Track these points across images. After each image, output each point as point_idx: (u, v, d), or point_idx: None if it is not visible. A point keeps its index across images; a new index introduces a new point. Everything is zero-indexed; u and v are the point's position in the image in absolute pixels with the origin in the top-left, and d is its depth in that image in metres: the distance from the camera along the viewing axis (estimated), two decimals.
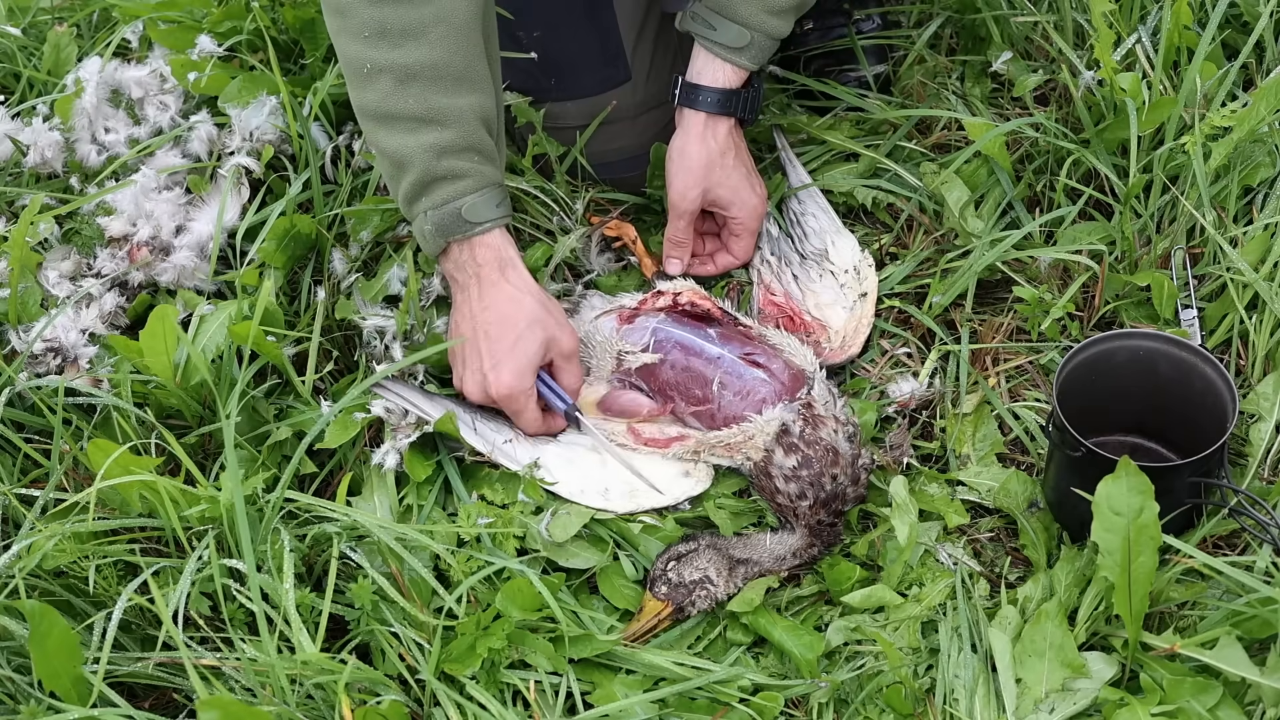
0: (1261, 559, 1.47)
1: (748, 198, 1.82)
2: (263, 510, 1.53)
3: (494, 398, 1.66)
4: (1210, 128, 1.76)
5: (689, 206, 1.79)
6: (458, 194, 1.62)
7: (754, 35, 1.71)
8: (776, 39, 1.74)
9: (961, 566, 1.61)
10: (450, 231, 1.63)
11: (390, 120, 1.60)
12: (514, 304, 1.65)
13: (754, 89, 1.77)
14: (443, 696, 1.47)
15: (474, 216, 1.63)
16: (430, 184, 1.62)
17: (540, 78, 1.87)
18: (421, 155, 1.60)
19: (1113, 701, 1.44)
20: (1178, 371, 1.60)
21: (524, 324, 1.64)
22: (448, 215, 1.62)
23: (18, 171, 1.99)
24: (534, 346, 1.65)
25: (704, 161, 1.76)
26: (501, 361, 1.64)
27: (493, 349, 1.65)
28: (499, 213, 1.65)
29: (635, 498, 1.66)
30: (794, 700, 1.53)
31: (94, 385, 1.70)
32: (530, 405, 1.67)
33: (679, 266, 1.84)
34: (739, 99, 1.76)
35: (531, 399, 1.67)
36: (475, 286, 1.66)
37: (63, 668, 1.38)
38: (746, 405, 1.69)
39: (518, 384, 1.65)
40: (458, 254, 1.66)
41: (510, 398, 1.65)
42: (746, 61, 1.73)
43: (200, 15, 2.06)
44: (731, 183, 1.79)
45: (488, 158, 1.64)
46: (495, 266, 1.65)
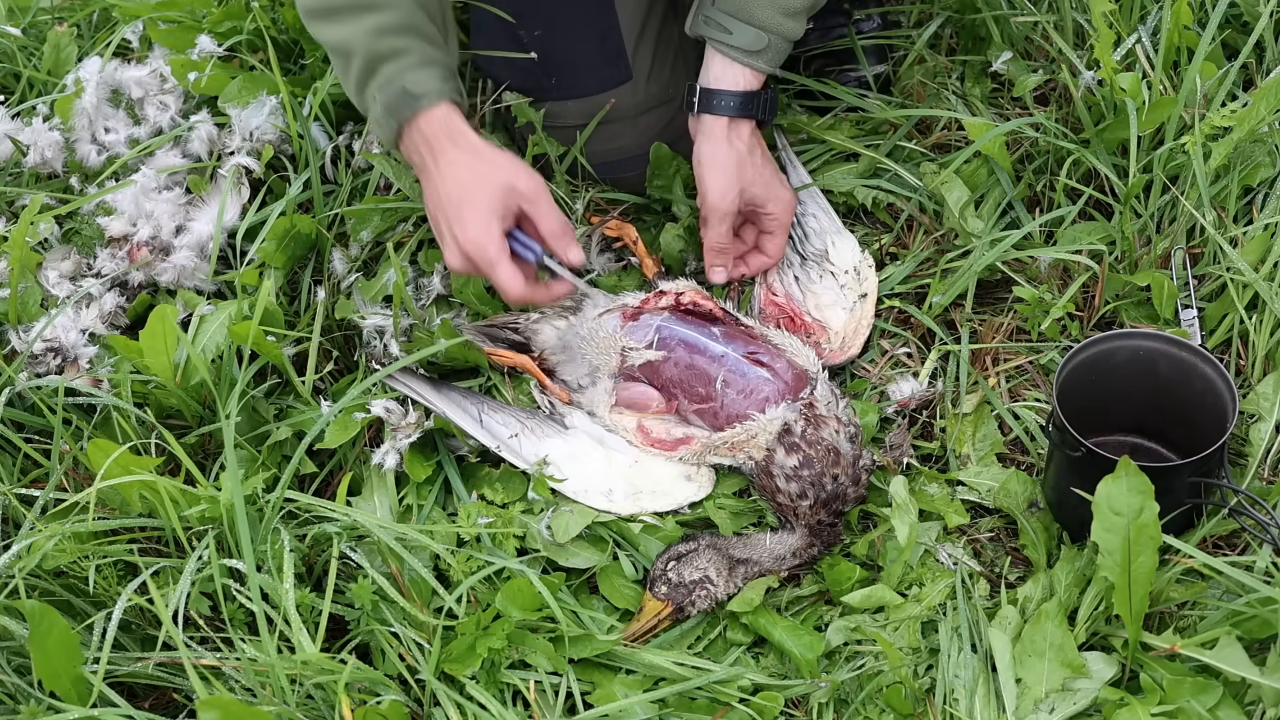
0: (1261, 559, 1.47)
1: (781, 192, 1.81)
2: (263, 510, 1.53)
3: (467, 254, 1.64)
4: (1210, 128, 1.76)
5: (729, 208, 1.76)
6: (400, 70, 1.64)
7: (771, 38, 1.71)
8: (791, 40, 1.73)
9: (961, 566, 1.61)
10: (399, 110, 1.64)
11: (330, 13, 1.64)
12: (466, 166, 1.64)
13: (770, 90, 1.77)
14: (443, 696, 1.47)
15: (417, 89, 1.63)
16: (375, 64, 1.64)
17: (541, 77, 1.87)
18: (363, 39, 1.63)
19: (1113, 701, 1.44)
20: (1178, 371, 1.60)
21: (478, 181, 1.64)
22: (394, 93, 1.64)
23: (18, 171, 1.99)
24: (491, 198, 1.63)
25: (735, 162, 1.75)
26: (464, 219, 1.63)
27: (456, 212, 1.64)
28: (444, 86, 1.65)
29: (638, 500, 1.67)
30: (794, 700, 1.53)
31: (94, 385, 1.70)
32: (504, 260, 1.63)
33: (724, 274, 1.81)
34: (759, 100, 1.75)
35: (504, 252, 1.63)
36: (431, 162, 1.66)
37: (63, 668, 1.38)
38: (749, 404, 1.69)
39: (483, 237, 1.62)
40: (410, 137, 1.67)
41: (480, 248, 1.62)
42: (764, 64, 1.72)
43: (200, 15, 2.06)
44: (764, 179, 1.79)
45: (428, 39, 1.65)
46: (445, 138, 1.65)
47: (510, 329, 1.81)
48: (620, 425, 1.74)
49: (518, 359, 1.78)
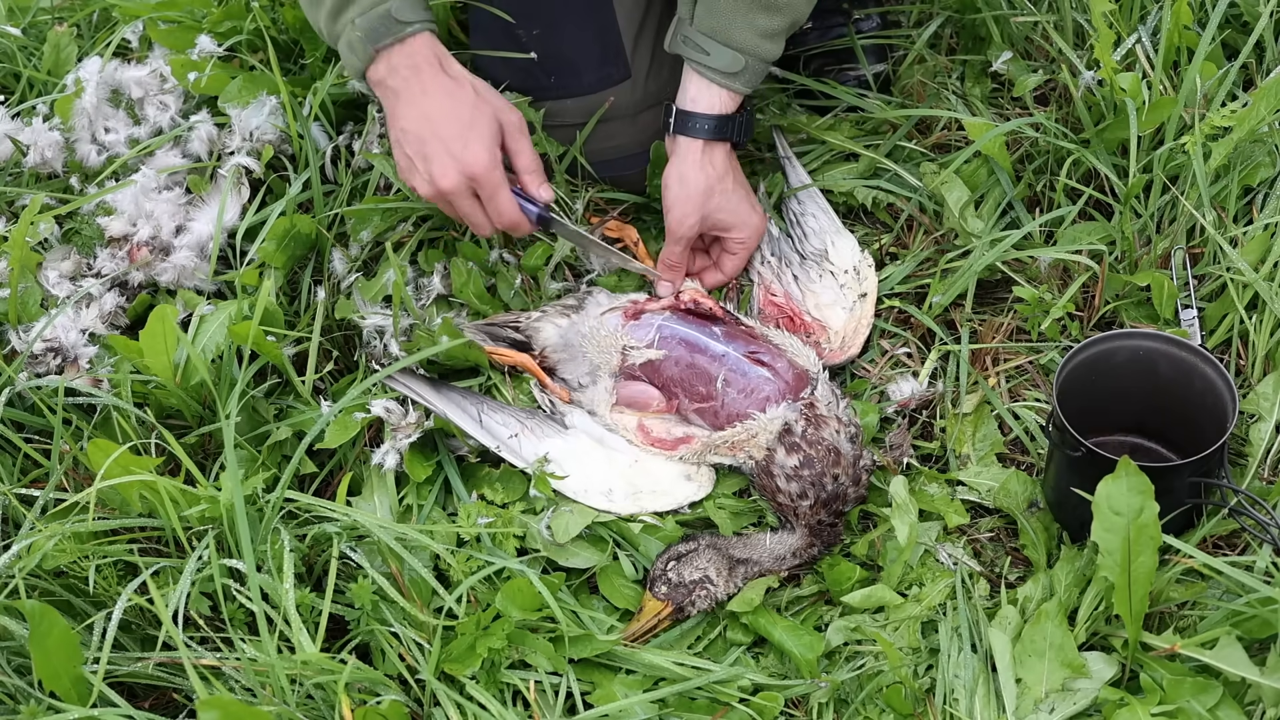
0: (1261, 559, 1.47)
1: (748, 218, 1.82)
2: (263, 510, 1.53)
3: (471, 174, 1.65)
4: (1210, 128, 1.76)
5: (686, 233, 1.78)
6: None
7: (748, 60, 1.70)
8: (768, 62, 1.73)
9: (961, 566, 1.61)
10: (379, 36, 1.65)
11: None
12: (459, 89, 1.67)
13: (747, 112, 1.77)
14: (443, 696, 1.47)
15: (403, 15, 1.64)
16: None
17: (540, 75, 1.87)
18: None
19: (1113, 701, 1.44)
20: (1178, 371, 1.60)
21: (472, 103, 1.66)
22: (376, 18, 1.64)
23: (18, 171, 1.99)
24: (491, 123, 1.66)
25: (703, 188, 1.76)
26: (468, 138, 1.64)
27: (457, 132, 1.65)
28: (428, 15, 1.66)
29: (638, 499, 1.67)
30: (794, 700, 1.53)
31: (94, 385, 1.70)
32: (504, 186, 1.67)
33: (669, 289, 1.83)
34: (734, 123, 1.74)
35: (504, 179, 1.67)
36: (417, 84, 1.66)
37: (63, 668, 1.38)
38: (750, 403, 1.69)
39: (490, 157, 1.65)
40: (388, 59, 1.67)
41: (487, 170, 1.65)
42: (741, 86, 1.72)
43: (200, 15, 2.06)
44: (731, 205, 1.79)
45: None
46: (435, 61, 1.66)
47: (511, 327, 1.81)
48: (621, 424, 1.74)
49: (518, 358, 1.78)
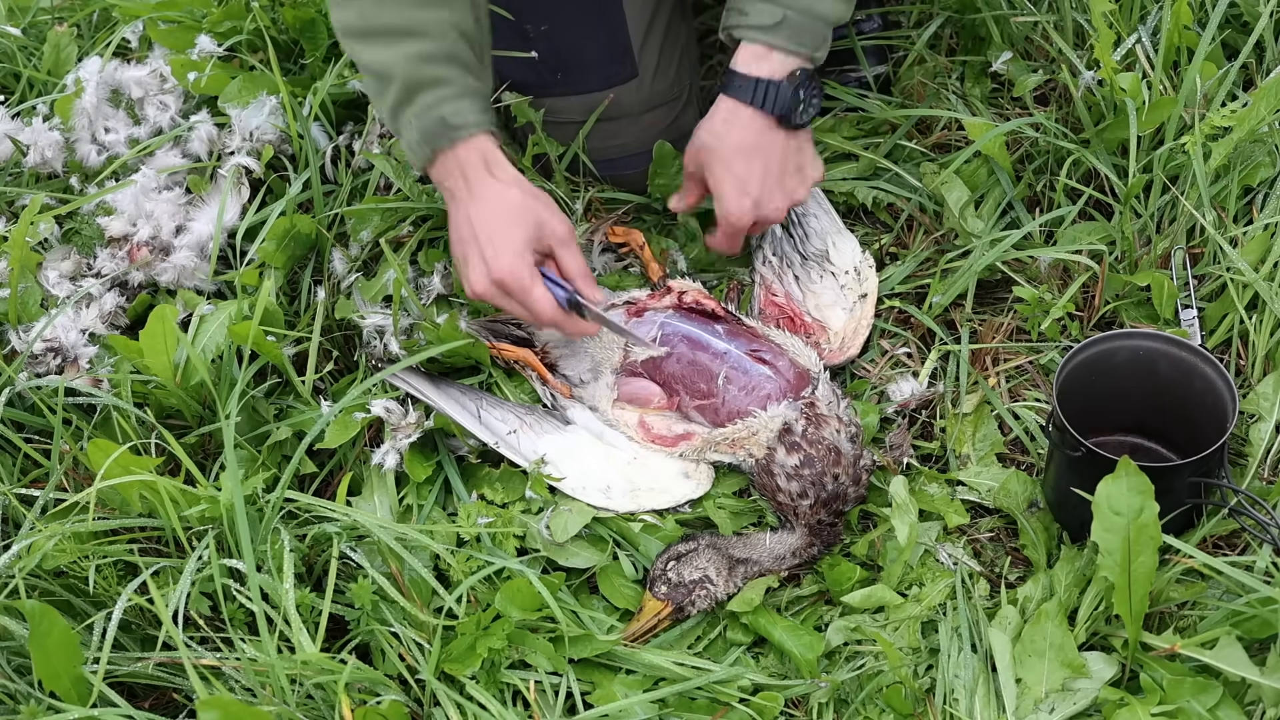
0: (1261, 559, 1.47)
1: (729, 195, 1.71)
2: (263, 510, 1.53)
3: (498, 279, 1.65)
4: (1210, 128, 1.76)
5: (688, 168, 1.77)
6: (440, 99, 1.63)
7: (786, 12, 1.63)
8: (820, 18, 1.64)
9: (961, 566, 1.61)
10: (435, 138, 1.65)
11: (370, 35, 1.63)
12: (503, 196, 1.66)
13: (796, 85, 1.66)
14: (443, 696, 1.47)
15: (457, 120, 1.64)
16: (413, 91, 1.64)
17: (545, 72, 1.87)
18: (403, 64, 1.62)
19: (1113, 701, 1.44)
20: (1178, 371, 1.60)
21: (514, 211, 1.66)
22: (432, 121, 1.64)
23: (18, 171, 1.99)
24: (527, 228, 1.66)
25: (703, 143, 1.72)
26: (498, 245, 1.64)
27: (490, 237, 1.65)
28: (483, 118, 1.66)
29: (636, 497, 1.67)
30: (794, 700, 1.53)
31: (94, 385, 1.70)
32: (538, 286, 1.65)
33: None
34: (768, 90, 1.66)
35: (537, 280, 1.65)
36: (465, 189, 1.67)
37: (63, 668, 1.38)
38: (751, 400, 1.69)
39: (519, 262, 1.64)
40: (444, 163, 1.67)
41: (513, 275, 1.64)
42: (782, 40, 1.64)
43: (200, 15, 2.06)
44: (716, 174, 1.71)
45: (468, 68, 1.65)
46: (481, 166, 1.66)
47: (513, 324, 1.81)
48: (621, 420, 1.74)
49: (520, 353, 1.78)
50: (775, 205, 1.73)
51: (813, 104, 1.70)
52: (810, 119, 1.72)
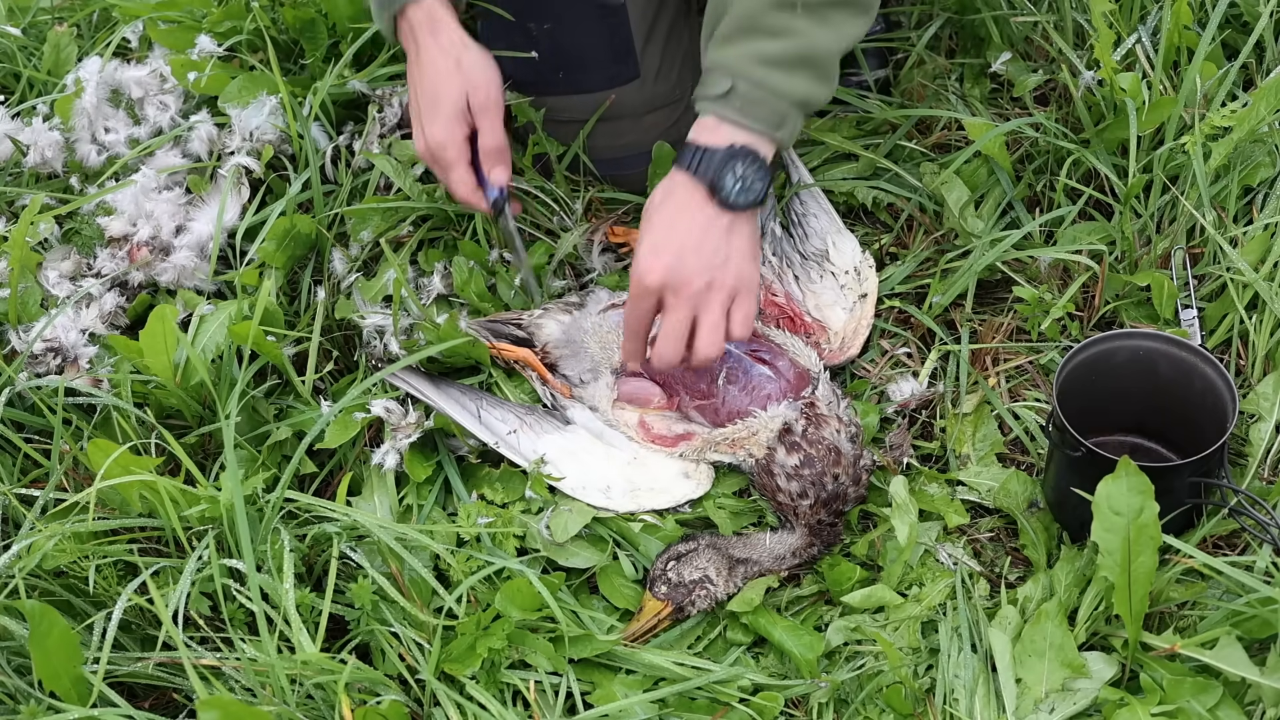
0: (1261, 559, 1.47)
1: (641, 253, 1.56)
2: (263, 510, 1.53)
3: (429, 147, 1.71)
4: (1210, 128, 1.76)
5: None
6: None
7: (737, 81, 1.53)
8: (777, 93, 1.54)
9: (961, 566, 1.61)
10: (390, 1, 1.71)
11: None
12: (439, 60, 1.71)
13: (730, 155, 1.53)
14: (443, 696, 1.47)
15: None
16: None
17: (547, 70, 1.87)
18: None
19: (1113, 701, 1.44)
20: (1178, 371, 1.60)
21: (446, 74, 1.70)
22: None
23: (18, 171, 1.99)
24: (454, 95, 1.70)
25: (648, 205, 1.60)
26: (431, 112, 1.71)
27: (425, 104, 1.72)
28: None
29: (636, 497, 1.67)
30: (794, 700, 1.53)
31: (94, 385, 1.70)
32: (461, 162, 1.71)
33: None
34: (700, 156, 1.54)
35: (463, 155, 1.71)
36: (414, 51, 1.73)
37: (63, 668, 1.38)
38: (751, 401, 1.69)
39: (445, 133, 1.70)
40: (401, 27, 1.73)
41: (440, 147, 1.70)
42: (732, 113, 1.53)
43: (200, 15, 2.06)
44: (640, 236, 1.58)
45: None
46: (427, 29, 1.71)
47: (513, 324, 1.81)
48: (622, 420, 1.74)
49: (520, 353, 1.78)
50: (690, 281, 1.54)
51: (752, 187, 1.55)
52: (748, 202, 1.55)
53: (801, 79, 1.55)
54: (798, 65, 1.54)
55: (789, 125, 1.57)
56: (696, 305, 1.56)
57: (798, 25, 1.53)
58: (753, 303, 1.59)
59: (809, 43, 1.54)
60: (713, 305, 1.56)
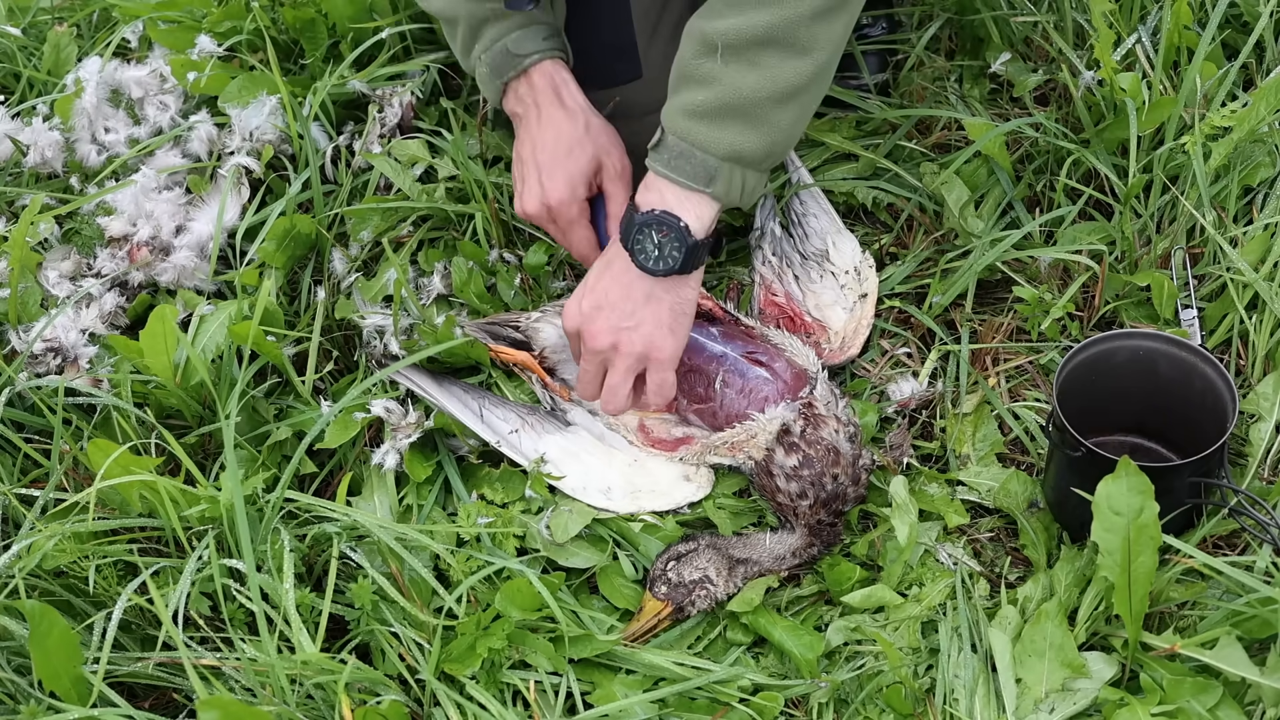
0: (1261, 559, 1.47)
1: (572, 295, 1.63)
2: (263, 510, 1.53)
3: (549, 204, 1.70)
4: (1210, 128, 1.76)
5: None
6: (504, 31, 1.70)
7: (665, 135, 1.53)
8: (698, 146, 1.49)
9: (961, 566, 1.61)
10: (503, 70, 1.71)
11: None
12: (569, 121, 1.71)
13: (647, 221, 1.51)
14: (443, 696, 1.47)
15: (520, 49, 1.70)
16: (479, 28, 1.71)
17: None
18: (465, 4, 1.70)
19: (1113, 701, 1.44)
20: (1178, 371, 1.60)
21: (576, 140, 1.70)
22: (498, 54, 1.71)
23: (18, 171, 1.99)
24: (585, 158, 1.70)
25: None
26: (554, 171, 1.70)
27: (548, 163, 1.70)
28: (546, 45, 1.71)
29: (637, 499, 1.67)
30: (794, 700, 1.53)
31: (94, 385, 1.70)
32: (583, 220, 1.72)
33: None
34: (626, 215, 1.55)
35: (584, 213, 1.72)
36: (534, 112, 1.72)
37: (63, 668, 1.38)
38: (749, 403, 1.69)
39: (569, 192, 1.69)
40: (515, 91, 1.73)
41: (564, 205, 1.70)
42: (661, 165, 1.52)
43: (200, 15, 2.06)
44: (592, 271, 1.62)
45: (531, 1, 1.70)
46: (550, 92, 1.72)
47: (511, 327, 1.81)
48: (622, 423, 1.74)
49: (520, 356, 1.78)
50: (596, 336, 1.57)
51: (668, 255, 1.52)
52: (664, 270, 1.52)
53: (730, 130, 1.48)
54: (723, 115, 1.47)
55: (723, 181, 1.50)
56: (604, 361, 1.61)
57: (722, 72, 1.46)
58: (666, 373, 1.59)
59: (733, 90, 1.47)
60: (617, 366, 1.59)
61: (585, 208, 1.72)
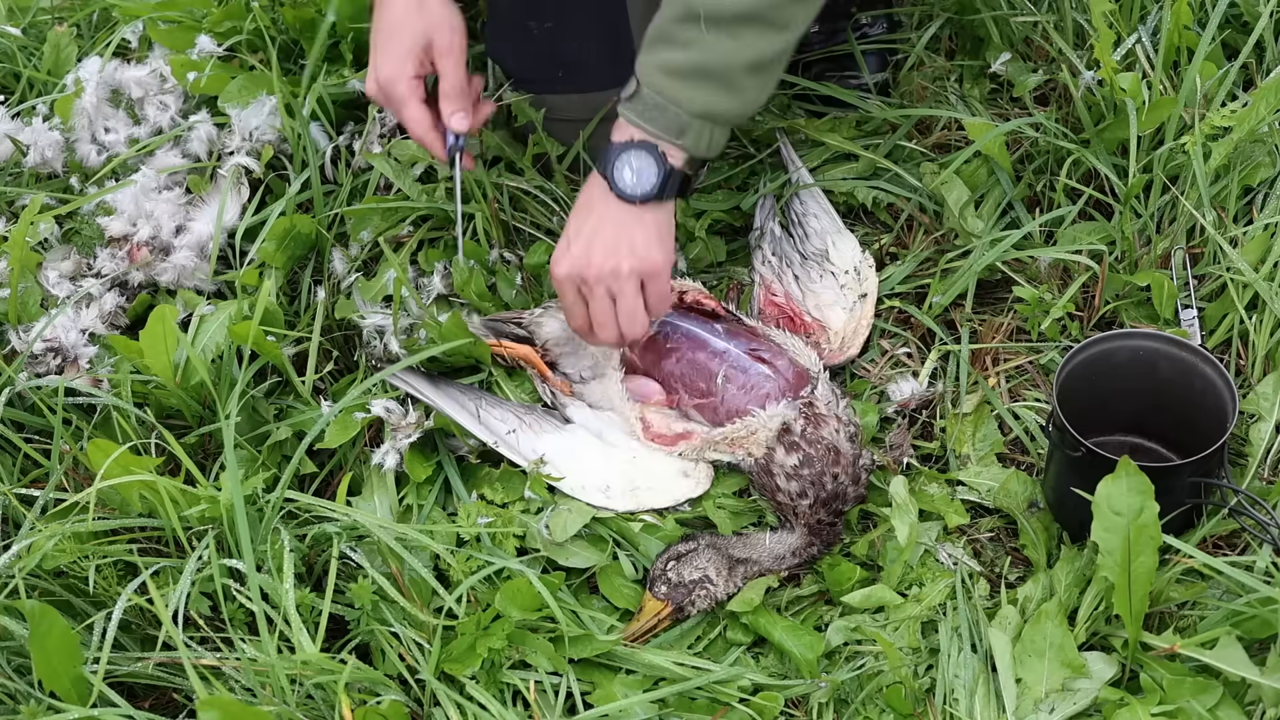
0: (1261, 559, 1.47)
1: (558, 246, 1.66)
2: (263, 510, 1.53)
3: (379, 84, 1.69)
4: (1210, 128, 1.76)
5: None
6: None
7: (641, 87, 1.58)
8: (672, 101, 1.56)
9: (961, 566, 1.61)
10: None
11: None
12: (402, 4, 1.69)
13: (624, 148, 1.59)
14: (443, 696, 1.47)
15: None
16: None
17: (550, 68, 1.88)
18: None
19: (1113, 701, 1.44)
20: (1178, 371, 1.60)
21: (404, 19, 1.69)
22: None
23: (18, 171, 1.99)
24: (412, 37, 1.68)
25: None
26: (385, 50, 1.69)
27: (380, 42, 1.70)
28: None
29: (636, 496, 1.67)
30: (794, 700, 1.53)
31: (94, 385, 1.70)
32: (412, 100, 1.69)
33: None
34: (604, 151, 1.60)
35: (413, 92, 1.69)
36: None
37: (63, 668, 1.38)
38: (750, 400, 1.69)
39: (397, 72, 1.68)
40: None
41: (390, 83, 1.68)
42: (634, 115, 1.58)
43: (200, 15, 2.06)
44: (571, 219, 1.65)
45: None
46: None
47: (514, 323, 1.81)
48: (631, 412, 1.74)
49: (520, 350, 1.78)
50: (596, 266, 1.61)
51: (645, 179, 1.59)
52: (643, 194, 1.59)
53: (703, 90, 1.56)
54: (697, 76, 1.55)
55: (693, 134, 1.58)
56: (610, 290, 1.63)
57: (701, 38, 1.54)
58: (663, 284, 1.65)
59: (710, 56, 1.54)
60: (624, 290, 1.63)
61: (416, 86, 1.69)
